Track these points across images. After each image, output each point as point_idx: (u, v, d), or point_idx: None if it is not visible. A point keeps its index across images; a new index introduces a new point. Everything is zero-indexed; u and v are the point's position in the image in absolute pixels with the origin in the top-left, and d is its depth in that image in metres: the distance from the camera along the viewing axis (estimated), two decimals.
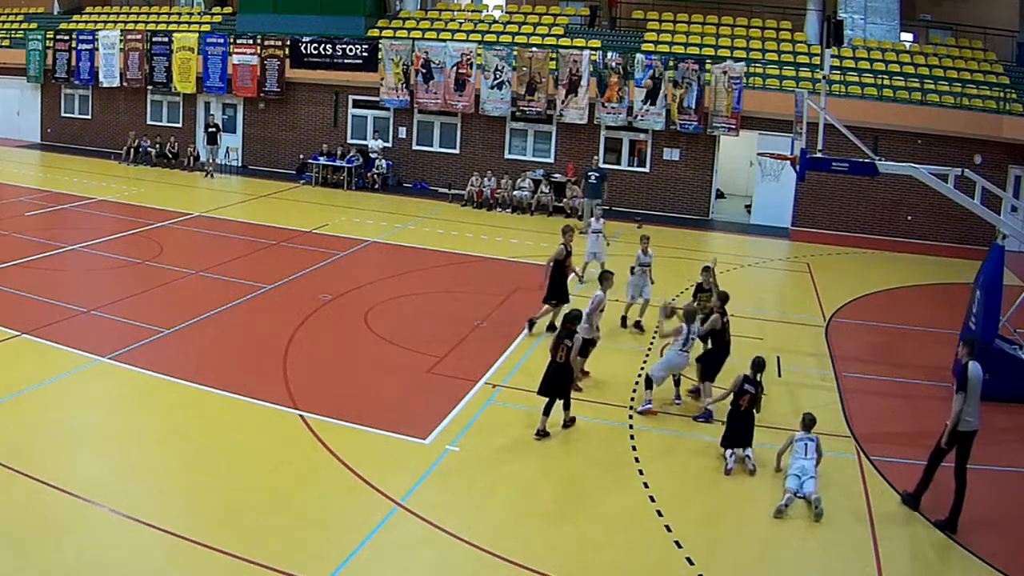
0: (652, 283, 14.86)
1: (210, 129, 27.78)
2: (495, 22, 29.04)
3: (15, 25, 34.31)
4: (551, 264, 13.86)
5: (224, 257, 18.08)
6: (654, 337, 13.95)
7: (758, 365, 10.29)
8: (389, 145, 27.65)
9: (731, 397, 10.22)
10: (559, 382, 10.53)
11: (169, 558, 7.72)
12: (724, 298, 11.88)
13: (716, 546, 8.51)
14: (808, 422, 9.71)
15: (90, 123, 31.84)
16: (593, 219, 17.30)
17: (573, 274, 14.88)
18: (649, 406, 11.33)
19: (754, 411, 10.13)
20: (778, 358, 13.71)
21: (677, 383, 11.83)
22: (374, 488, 9.05)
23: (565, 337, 10.54)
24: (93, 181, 25.58)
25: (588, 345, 11.92)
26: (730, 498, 9.44)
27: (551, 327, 13.53)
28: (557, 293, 13.89)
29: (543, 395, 10.52)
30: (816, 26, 25.77)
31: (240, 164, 29.47)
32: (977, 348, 9.67)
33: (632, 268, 14.79)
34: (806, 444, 9.48)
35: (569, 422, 10.78)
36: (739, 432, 10.10)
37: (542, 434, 10.45)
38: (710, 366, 11.56)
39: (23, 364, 11.67)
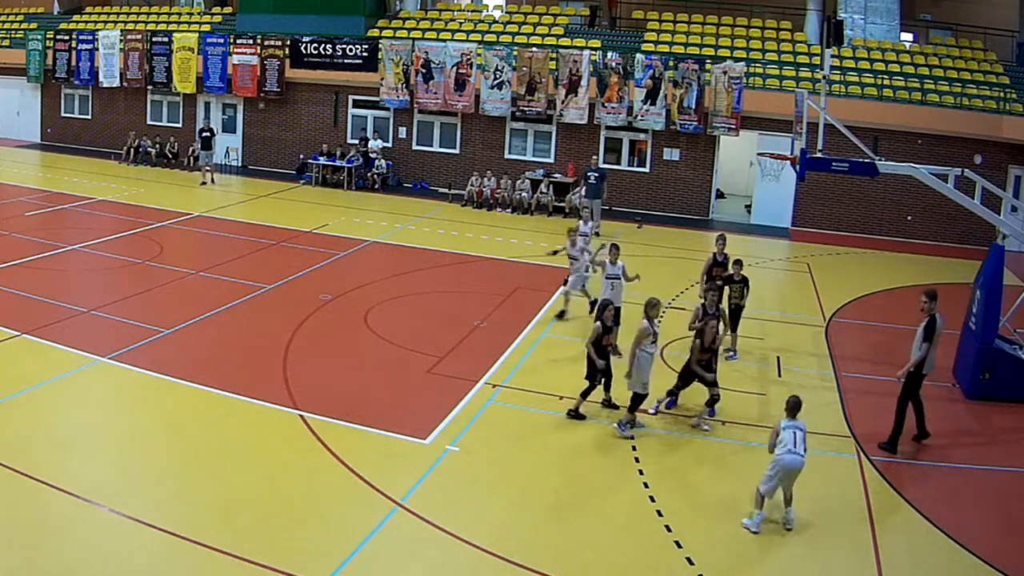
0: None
1: (204, 133, 26.71)
2: (495, 22, 29.04)
3: (15, 25, 34.30)
4: (703, 275, 14.02)
5: (224, 257, 18.08)
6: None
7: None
8: (389, 145, 27.66)
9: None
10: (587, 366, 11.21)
11: (169, 558, 7.73)
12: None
13: (716, 546, 8.50)
14: (792, 406, 8.82)
15: (90, 123, 31.84)
16: (581, 222, 16.48)
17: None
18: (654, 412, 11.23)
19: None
20: (778, 358, 13.72)
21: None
22: (374, 488, 9.05)
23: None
24: (93, 181, 25.58)
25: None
26: (730, 498, 9.42)
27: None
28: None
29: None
30: (816, 26, 25.76)
31: (240, 164, 29.47)
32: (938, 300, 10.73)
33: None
34: (794, 433, 8.70)
35: (604, 403, 11.39)
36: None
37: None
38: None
39: (23, 364, 11.67)
